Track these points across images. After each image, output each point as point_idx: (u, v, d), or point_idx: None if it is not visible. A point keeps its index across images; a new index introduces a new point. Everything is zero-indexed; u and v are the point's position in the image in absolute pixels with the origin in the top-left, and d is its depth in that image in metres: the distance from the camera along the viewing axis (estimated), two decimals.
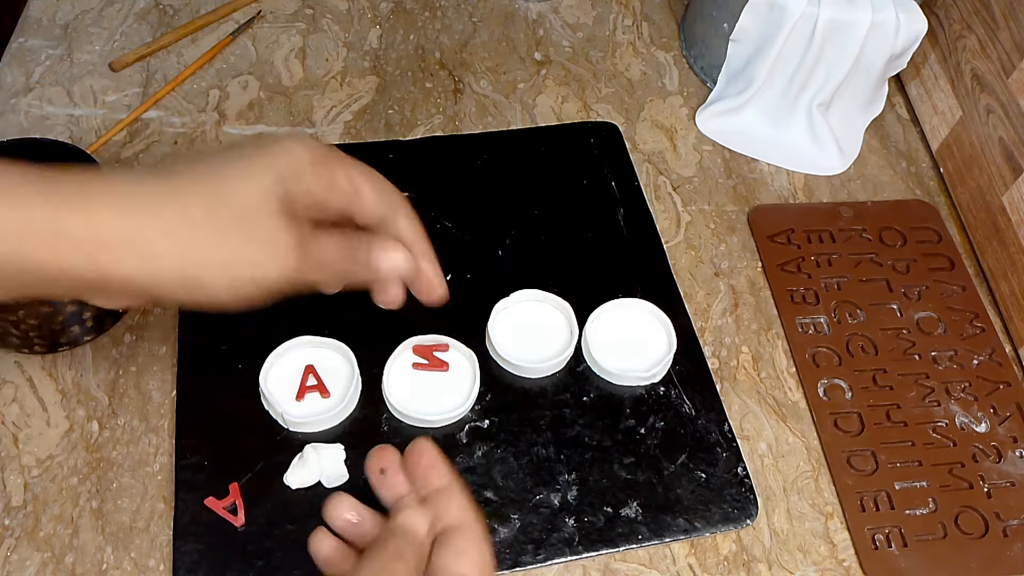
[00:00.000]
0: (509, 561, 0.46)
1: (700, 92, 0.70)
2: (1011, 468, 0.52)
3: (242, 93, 0.67)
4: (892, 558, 0.48)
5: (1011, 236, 0.58)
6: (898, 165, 0.67)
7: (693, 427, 0.52)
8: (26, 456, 0.49)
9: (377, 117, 0.66)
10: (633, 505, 0.48)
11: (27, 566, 0.45)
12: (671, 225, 0.62)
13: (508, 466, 0.49)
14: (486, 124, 0.67)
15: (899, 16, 0.59)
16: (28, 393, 0.51)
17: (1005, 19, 0.60)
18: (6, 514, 0.47)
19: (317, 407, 0.50)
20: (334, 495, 0.40)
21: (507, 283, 0.55)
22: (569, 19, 0.75)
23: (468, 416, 0.51)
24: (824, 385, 0.54)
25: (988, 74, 0.61)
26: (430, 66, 0.70)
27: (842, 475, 0.51)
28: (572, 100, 0.69)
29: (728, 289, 0.59)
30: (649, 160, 0.66)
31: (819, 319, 0.57)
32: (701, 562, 0.48)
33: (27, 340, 0.50)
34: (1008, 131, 0.59)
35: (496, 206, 0.61)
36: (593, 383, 0.53)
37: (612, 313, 0.55)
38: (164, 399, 0.51)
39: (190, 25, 0.70)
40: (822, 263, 0.60)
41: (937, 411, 0.54)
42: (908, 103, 0.71)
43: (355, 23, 0.73)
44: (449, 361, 0.52)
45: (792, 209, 0.63)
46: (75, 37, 0.69)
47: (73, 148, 0.51)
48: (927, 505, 0.50)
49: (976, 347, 0.57)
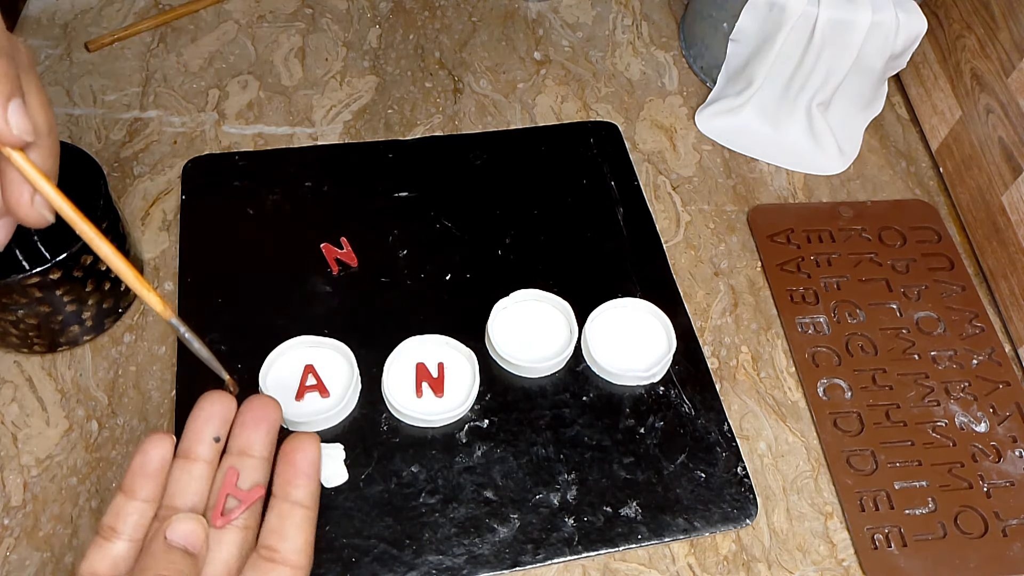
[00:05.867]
0: (508, 561, 0.46)
1: (700, 92, 0.70)
2: (1011, 468, 0.52)
3: (241, 93, 0.67)
4: (892, 558, 0.48)
5: (1011, 236, 0.58)
6: (898, 165, 0.67)
7: (693, 427, 0.52)
8: (25, 456, 0.49)
9: (377, 117, 0.66)
10: (633, 505, 0.49)
11: (27, 566, 0.45)
12: (671, 225, 0.62)
13: (508, 466, 0.49)
14: (486, 124, 0.67)
15: (899, 16, 0.59)
16: (27, 393, 0.51)
17: (1005, 19, 0.60)
18: (5, 514, 0.47)
19: (317, 407, 0.50)
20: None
21: (507, 283, 0.55)
22: (569, 19, 0.75)
23: (468, 416, 0.51)
24: (824, 385, 0.54)
25: (988, 74, 0.61)
26: (430, 66, 0.70)
27: (842, 475, 0.51)
28: (572, 100, 0.69)
29: (728, 289, 0.59)
30: (649, 160, 0.66)
31: (819, 319, 0.57)
32: (701, 562, 0.48)
33: (26, 340, 0.50)
34: (1008, 131, 0.59)
35: (496, 206, 0.61)
36: (593, 383, 0.53)
37: (612, 313, 0.55)
38: (164, 399, 0.51)
39: (171, 12, 0.70)
40: (822, 263, 0.60)
41: (937, 411, 0.54)
42: (908, 103, 0.71)
43: (355, 23, 0.73)
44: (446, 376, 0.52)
45: (792, 209, 0.63)
46: (75, 37, 0.69)
47: (73, 148, 0.51)
48: (927, 505, 0.50)
49: (976, 347, 0.57)
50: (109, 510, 0.37)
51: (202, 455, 0.38)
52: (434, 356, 0.52)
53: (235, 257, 0.57)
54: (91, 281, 0.50)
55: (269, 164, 0.62)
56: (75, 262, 0.48)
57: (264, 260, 0.57)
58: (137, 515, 0.37)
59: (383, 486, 0.48)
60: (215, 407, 0.39)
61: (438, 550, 0.46)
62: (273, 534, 0.37)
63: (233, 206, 0.59)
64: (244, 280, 0.56)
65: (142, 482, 0.37)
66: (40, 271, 0.46)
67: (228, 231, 0.58)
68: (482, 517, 0.48)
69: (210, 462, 0.38)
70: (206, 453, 0.38)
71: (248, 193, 0.60)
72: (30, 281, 0.46)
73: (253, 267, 0.56)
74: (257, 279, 0.56)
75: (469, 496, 0.48)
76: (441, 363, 0.52)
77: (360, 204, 0.60)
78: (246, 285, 0.55)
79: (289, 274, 0.56)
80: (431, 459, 0.49)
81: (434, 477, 0.49)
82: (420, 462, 0.49)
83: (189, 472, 0.38)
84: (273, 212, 0.59)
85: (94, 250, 0.37)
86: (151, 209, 0.60)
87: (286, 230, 0.58)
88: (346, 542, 0.46)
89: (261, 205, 0.60)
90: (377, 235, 0.58)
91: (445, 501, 0.48)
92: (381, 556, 0.46)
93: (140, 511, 0.37)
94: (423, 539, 0.47)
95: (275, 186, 0.60)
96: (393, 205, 0.60)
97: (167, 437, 0.38)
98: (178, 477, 0.38)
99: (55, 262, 0.46)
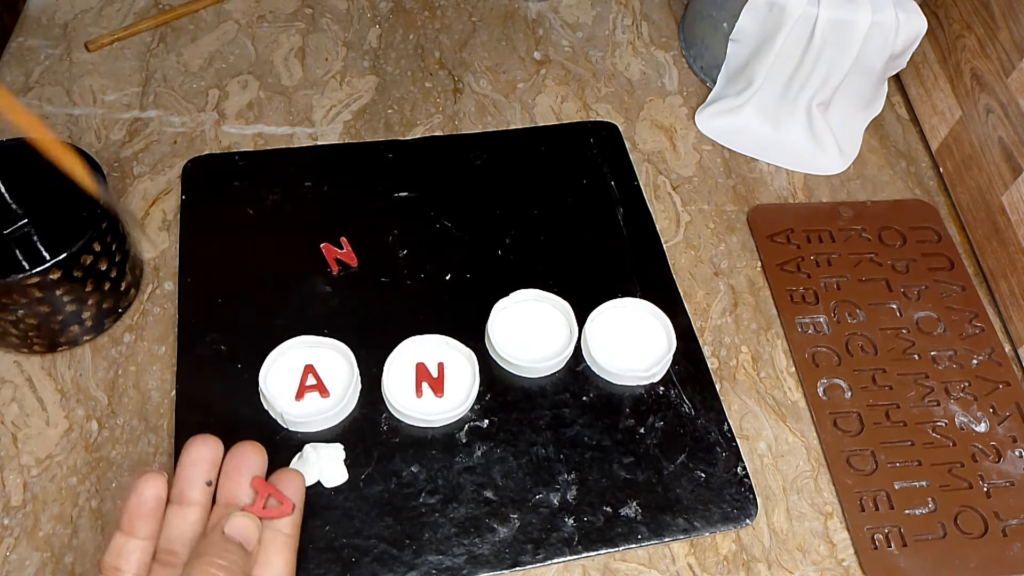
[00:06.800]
0: (508, 561, 0.46)
1: (700, 92, 0.70)
2: (1010, 468, 0.52)
3: (241, 92, 0.67)
4: (892, 558, 0.48)
5: (1011, 236, 0.58)
6: (898, 165, 0.67)
7: (692, 427, 0.52)
8: (25, 456, 0.49)
9: (376, 117, 0.66)
10: (632, 505, 0.48)
11: (26, 566, 0.45)
12: (671, 225, 0.62)
13: (507, 466, 0.49)
14: (486, 124, 0.67)
15: (899, 16, 0.59)
16: (27, 393, 0.51)
17: (1005, 19, 0.60)
18: (5, 514, 0.47)
19: (316, 407, 0.50)
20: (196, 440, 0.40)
21: (507, 283, 0.55)
22: (569, 19, 0.75)
23: (467, 416, 0.51)
24: (824, 385, 0.54)
25: (988, 74, 0.61)
26: (429, 66, 0.70)
27: (841, 475, 0.51)
28: (572, 100, 0.69)
29: (727, 289, 0.59)
30: (649, 160, 0.66)
31: (819, 319, 0.57)
32: (700, 562, 0.48)
33: (26, 340, 0.50)
34: (1008, 131, 0.59)
35: (496, 206, 0.61)
36: (592, 383, 0.53)
37: (612, 313, 0.55)
38: (164, 399, 0.51)
39: (171, 12, 0.70)
40: (822, 263, 0.60)
41: (936, 411, 0.54)
42: (908, 103, 0.71)
43: (354, 23, 0.73)
44: (445, 375, 0.52)
45: (792, 209, 0.63)
46: (74, 36, 0.69)
47: (73, 148, 0.51)
48: (926, 505, 0.50)
49: (976, 347, 0.57)
50: (110, 550, 0.38)
51: (195, 499, 0.40)
52: (434, 356, 0.52)
53: (235, 257, 0.57)
54: (91, 281, 0.50)
55: (269, 164, 0.62)
56: (75, 262, 0.48)
57: (264, 260, 0.57)
58: (139, 552, 0.38)
59: (383, 486, 0.48)
60: (202, 452, 0.40)
61: (438, 550, 0.46)
62: (256, 562, 0.38)
63: (233, 206, 0.59)
64: (244, 280, 0.56)
65: (141, 522, 0.38)
66: (40, 271, 0.46)
67: (228, 231, 0.58)
68: (482, 517, 0.48)
69: (203, 505, 0.40)
70: (199, 497, 0.40)
71: (248, 193, 0.60)
72: (30, 281, 0.46)
73: (253, 267, 0.56)
74: (257, 279, 0.56)
75: (469, 496, 0.48)
76: (441, 363, 0.52)
77: (360, 204, 0.60)
78: (246, 285, 0.55)
79: (289, 274, 0.56)
80: (431, 459, 0.49)
81: (434, 477, 0.49)
82: (420, 462, 0.49)
83: (184, 517, 0.39)
84: (273, 212, 0.59)
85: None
86: (151, 209, 0.60)
87: (286, 230, 0.58)
88: (346, 542, 0.46)
89: (261, 205, 0.60)
90: (377, 235, 0.58)
91: (445, 501, 0.48)
92: (381, 556, 0.46)
93: (142, 548, 0.38)
94: (423, 539, 0.47)
95: (275, 186, 0.60)
96: (393, 205, 0.60)
97: (159, 475, 0.39)
98: (174, 523, 0.39)
99: (55, 262, 0.46)
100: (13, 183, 0.52)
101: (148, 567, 0.38)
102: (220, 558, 0.36)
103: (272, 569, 0.38)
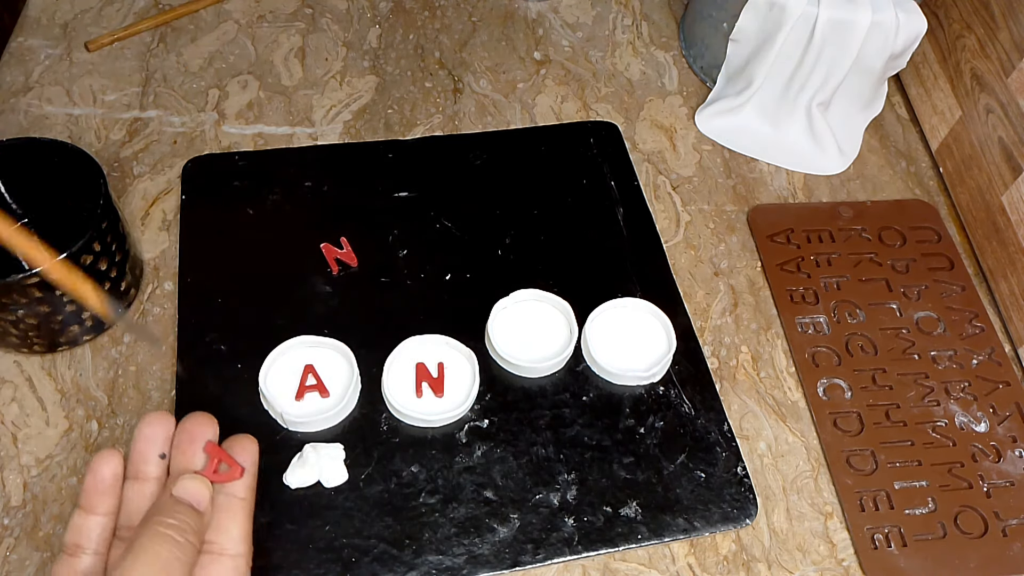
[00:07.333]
0: (508, 561, 0.46)
1: (700, 92, 0.70)
2: (1010, 468, 0.52)
3: (241, 92, 0.67)
4: (892, 558, 0.48)
5: (1011, 236, 0.58)
6: (898, 165, 0.67)
7: (692, 427, 0.52)
8: (25, 456, 0.49)
9: (376, 117, 0.66)
10: (632, 505, 0.48)
11: (26, 566, 0.45)
12: (670, 225, 0.62)
13: (507, 466, 0.49)
14: (485, 124, 0.67)
15: (899, 16, 0.59)
16: (27, 393, 0.51)
17: (1005, 19, 0.60)
18: (5, 514, 0.47)
19: (316, 406, 0.50)
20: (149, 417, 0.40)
21: (507, 283, 0.55)
22: (569, 19, 0.75)
23: (467, 416, 0.51)
24: (823, 385, 0.54)
25: (988, 74, 0.61)
26: (429, 66, 0.70)
27: (841, 475, 0.51)
28: (571, 100, 0.69)
29: (727, 289, 0.59)
30: (648, 160, 0.66)
31: (819, 319, 0.57)
32: (700, 562, 0.48)
33: (26, 340, 0.50)
34: (1008, 131, 0.59)
35: (496, 206, 0.61)
36: (592, 383, 0.53)
37: (612, 313, 0.55)
38: (164, 399, 0.51)
39: (171, 12, 0.70)
40: (822, 263, 0.60)
41: (936, 411, 0.54)
42: (908, 103, 0.71)
43: (354, 23, 0.73)
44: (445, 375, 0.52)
45: (792, 209, 0.63)
46: (74, 36, 0.69)
47: (73, 148, 0.51)
48: (926, 505, 0.50)
49: (975, 347, 0.57)
50: (70, 528, 0.38)
51: (151, 474, 0.40)
52: (434, 356, 0.52)
53: (235, 257, 0.57)
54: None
55: (269, 164, 0.62)
56: (75, 262, 0.48)
57: (264, 260, 0.57)
58: (99, 529, 0.38)
59: (383, 486, 0.48)
60: (154, 428, 0.40)
61: (438, 550, 0.46)
62: (210, 527, 0.38)
63: (233, 206, 0.59)
64: (244, 280, 0.56)
65: (99, 499, 0.38)
66: (40, 271, 0.46)
67: (228, 231, 0.58)
68: (482, 517, 0.48)
69: (160, 479, 0.40)
70: (154, 471, 0.40)
71: (248, 193, 0.60)
72: (30, 281, 0.46)
73: (253, 267, 0.56)
74: (257, 279, 0.56)
75: (469, 496, 0.48)
76: (441, 363, 0.52)
77: (360, 204, 0.60)
78: (246, 285, 0.55)
79: (289, 274, 0.56)
80: (431, 459, 0.49)
81: (434, 477, 0.49)
82: (420, 462, 0.49)
83: (141, 492, 0.39)
84: (273, 212, 0.59)
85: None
86: (151, 209, 0.60)
87: (286, 230, 0.58)
88: (346, 542, 0.46)
89: (261, 205, 0.60)
90: (377, 235, 0.58)
91: (445, 501, 0.48)
92: (381, 556, 0.46)
93: (102, 525, 0.38)
94: (423, 539, 0.47)
95: (275, 186, 0.60)
96: (393, 205, 0.60)
97: (115, 452, 0.39)
98: (132, 498, 0.39)
99: (55, 262, 0.46)
100: (13, 183, 0.52)
101: (109, 543, 0.38)
102: (170, 517, 0.36)
103: (227, 533, 0.38)
